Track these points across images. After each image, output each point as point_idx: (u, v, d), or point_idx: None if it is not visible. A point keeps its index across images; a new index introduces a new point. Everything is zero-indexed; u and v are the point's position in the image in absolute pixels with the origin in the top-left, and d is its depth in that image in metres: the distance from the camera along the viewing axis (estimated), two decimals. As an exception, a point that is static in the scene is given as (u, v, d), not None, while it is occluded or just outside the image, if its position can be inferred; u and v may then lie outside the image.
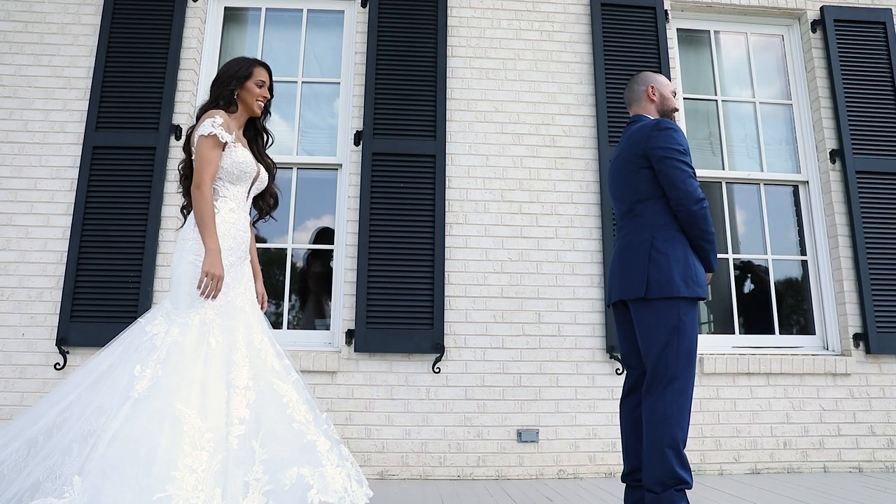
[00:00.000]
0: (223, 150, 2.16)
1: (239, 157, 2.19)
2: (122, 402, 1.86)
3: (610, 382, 3.50)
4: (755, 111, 4.17)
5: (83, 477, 1.70)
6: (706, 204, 2.15)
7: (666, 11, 4.02)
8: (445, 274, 3.54)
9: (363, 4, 3.87)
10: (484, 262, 3.60)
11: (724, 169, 4.04)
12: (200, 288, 2.02)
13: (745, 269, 4.05)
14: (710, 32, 4.27)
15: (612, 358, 3.52)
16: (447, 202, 3.64)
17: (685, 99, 4.12)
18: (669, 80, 3.22)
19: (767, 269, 3.96)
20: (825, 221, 3.92)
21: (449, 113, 3.76)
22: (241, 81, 2.26)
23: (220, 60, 3.93)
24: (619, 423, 2.65)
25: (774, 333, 3.83)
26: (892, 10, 4.13)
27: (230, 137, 2.17)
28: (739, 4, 4.13)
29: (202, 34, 3.86)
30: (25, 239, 3.46)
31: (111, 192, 3.51)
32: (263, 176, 2.34)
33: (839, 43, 4.03)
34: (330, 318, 3.63)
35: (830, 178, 3.88)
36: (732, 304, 3.88)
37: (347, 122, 3.80)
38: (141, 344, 2.00)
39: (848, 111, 3.93)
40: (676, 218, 2.17)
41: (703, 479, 3.26)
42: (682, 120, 3.98)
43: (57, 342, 3.32)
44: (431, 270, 3.50)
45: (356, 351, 3.40)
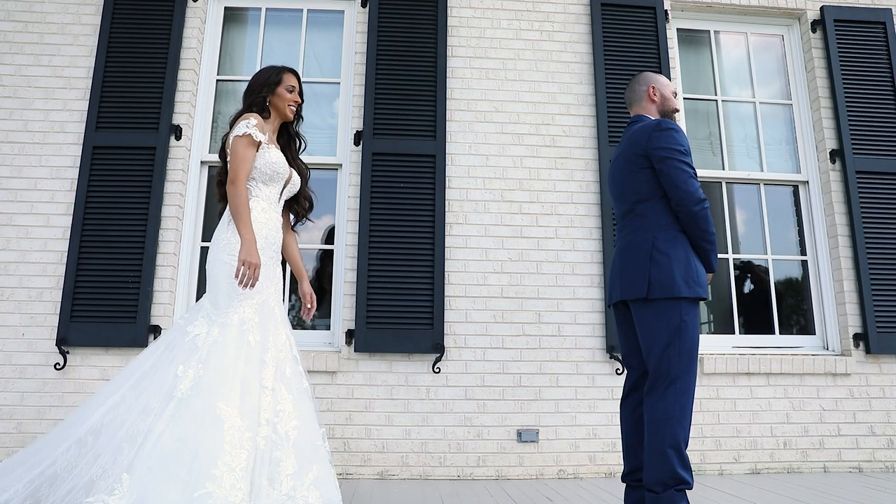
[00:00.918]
0: (257, 149, 2.22)
1: (272, 157, 2.25)
2: (166, 402, 1.91)
3: (610, 382, 3.50)
4: (755, 111, 4.17)
5: (131, 475, 1.76)
6: (707, 204, 2.15)
7: (666, 11, 4.02)
8: (445, 274, 3.54)
9: (363, 4, 3.87)
10: (484, 262, 3.60)
11: (724, 169, 4.04)
12: (238, 277, 2.05)
13: (745, 269, 4.05)
14: (710, 32, 4.27)
15: (612, 358, 3.52)
16: (447, 202, 3.64)
17: (685, 99, 4.12)
18: (669, 80, 3.22)
19: (767, 269, 3.96)
20: (825, 221, 3.92)
21: (449, 113, 3.76)
22: (272, 88, 2.33)
23: (220, 60, 3.94)
24: (619, 423, 2.65)
25: (774, 333, 3.83)
26: (892, 10, 4.13)
27: (264, 138, 2.24)
28: (739, 4, 4.13)
29: (202, 34, 3.86)
30: (25, 239, 3.46)
31: (111, 192, 3.51)
32: (296, 179, 2.40)
33: (839, 43, 4.03)
34: (330, 317, 3.63)
35: (830, 178, 3.88)
36: (732, 304, 3.88)
37: (347, 122, 3.80)
38: (183, 345, 2.04)
39: (848, 111, 3.93)
40: (677, 218, 2.17)
41: (703, 479, 3.27)
42: (682, 120, 3.98)
43: (57, 342, 3.32)
44: (431, 270, 3.50)
45: (356, 351, 3.40)
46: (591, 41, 3.94)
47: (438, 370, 3.43)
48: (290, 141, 2.46)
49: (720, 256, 3.88)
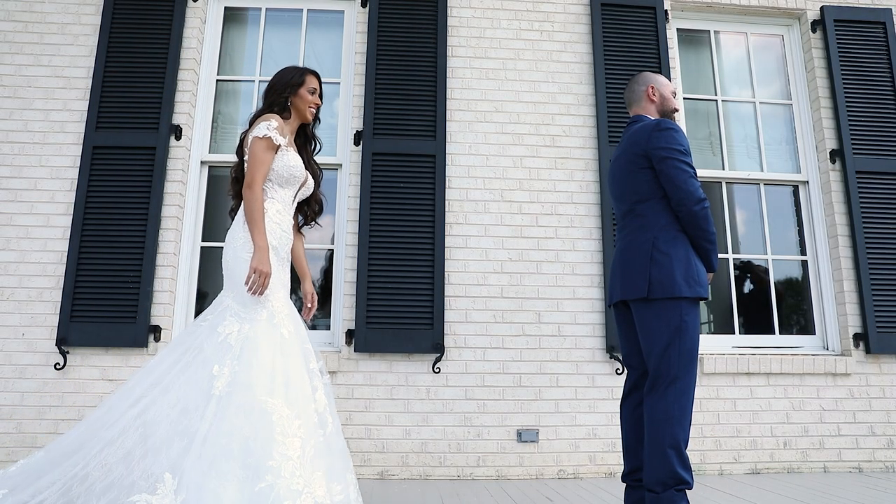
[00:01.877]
0: (276, 152, 2.22)
1: (290, 160, 2.25)
2: (206, 401, 1.90)
3: (610, 382, 3.50)
4: (755, 111, 4.17)
5: (175, 475, 1.75)
6: (707, 204, 2.15)
7: (666, 11, 4.02)
8: (445, 274, 3.54)
9: (363, 4, 3.87)
10: (484, 262, 3.60)
11: (724, 169, 4.04)
12: (248, 284, 2.06)
13: (745, 269, 4.05)
14: (710, 32, 4.27)
15: (612, 358, 3.52)
16: (447, 202, 3.64)
17: (685, 99, 4.12)
18: (669, 80, 3.22)
19: (767, 269, 3.96)
20: (825, 221, 3.92)
21: (449, 113, 3.76)
22: (294, 89, 2.33)
23: (220, 60, 3.94)
24: (619, 423, 2.65)
25: (774, 333, 3.83)
26: (892, 10, 4.13)
27: (283, 141, 2.24)
28: (739, 4, 4.13)
29: (202, 34, 3.86)
30: (25, 239, 3.46)
31: (111, 192, 3.51)
32: (310, 182, 2.41)
33: (839, 43, 4.03)
34: (330, 317, 3.63)
35: (830, 178, 3.88)
36: (732, 304, 3.88)
37: (347, 122, 3.80)
38: (216, 344, 2.04)
39: (848, 111, 3.93)
40: (677, 218, 2.17)
41: (703, 479, 3.27)
42: (682, 120, 3.98)
43: (57, 342, 3.32)
44: (431, 270, 3.50)
45: (356, 351, 3.40)
46: (591, 41, 3.94)
47: (438, 370, 3.43)
48: (306, 142, 2.46)
49: (720, 256, 3.88)
